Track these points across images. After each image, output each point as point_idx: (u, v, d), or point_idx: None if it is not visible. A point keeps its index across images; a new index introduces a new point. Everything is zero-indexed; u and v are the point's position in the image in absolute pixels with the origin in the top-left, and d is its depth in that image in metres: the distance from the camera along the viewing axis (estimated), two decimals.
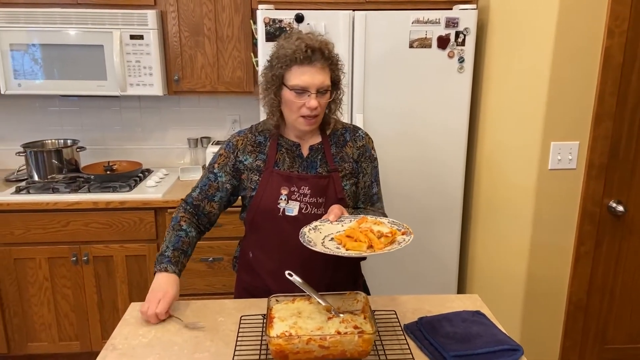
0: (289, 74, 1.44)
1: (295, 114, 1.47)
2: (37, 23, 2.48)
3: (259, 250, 1.60)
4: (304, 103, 1.44)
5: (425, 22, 2.28)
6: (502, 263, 2.41)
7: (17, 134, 2.97)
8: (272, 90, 1.47)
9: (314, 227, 1.39)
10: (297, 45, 1.41)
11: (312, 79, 1.42)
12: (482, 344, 1.26)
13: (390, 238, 1.30)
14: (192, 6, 2.58)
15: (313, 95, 1.43)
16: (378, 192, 1.67)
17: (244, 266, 1.67)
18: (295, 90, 1.43)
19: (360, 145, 1.61)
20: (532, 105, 2.17)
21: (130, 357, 1.27)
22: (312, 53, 1.41)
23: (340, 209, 1.43)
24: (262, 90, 1.53)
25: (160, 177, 2.76)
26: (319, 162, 1.56)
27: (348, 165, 1.58)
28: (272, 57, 1.48)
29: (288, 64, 1.42)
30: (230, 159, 1.58)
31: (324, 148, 1.57)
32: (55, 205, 2.43)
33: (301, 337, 1.17)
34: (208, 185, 1.60)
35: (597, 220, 2.22)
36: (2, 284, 2.52)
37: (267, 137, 1.58)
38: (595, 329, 2.38)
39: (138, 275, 2.56)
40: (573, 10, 2.02)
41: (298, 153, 1.56)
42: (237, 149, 1.58)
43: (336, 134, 1.60)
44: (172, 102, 3.00)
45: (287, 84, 1.44)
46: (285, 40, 1.46)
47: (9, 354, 2.61)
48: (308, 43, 1.41)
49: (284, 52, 1.43)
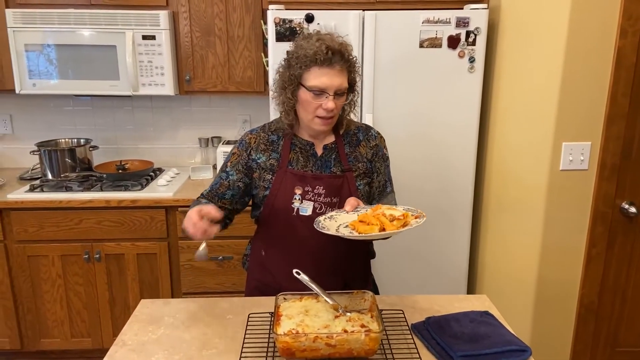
0: (308, 75, 1.44)
1: (311, 114, 1.47)
2: (52, 24, 2.52)
3: (272, 249, 1.61)
4: (321, 104, 1.44)
5: (436, 21, 2.28)
6: (513, 264, 2.39)
7: (32, 133, 3.01)
8: (290, 89, 1.47)
9: (329, 216, 1.40)
10: (317, 46, 1.41)
11: (331, 81, 1.43)
12: (490, 344, 1.26)
13: (403, 221, 1.29)
14: (204, 6, 2.60)
15: (331, 97, 1.43)
16: (392, 191, 1.68)
17: (257, 264, 1.68)
18: (314, 91, 1.43)
19: (374, 144, 1.62)
20: (543, 105, 2.15)
21: (139, 352, 1.29)
22: (332, 55, 1.41)
23: (356, 200, 1.44)
24: (276, 89, 1.53)
25: (172, 176, 2.78)
26: (332, 162, 1.57)
27: (362, 165, 1.59)
28: (291, 56, 1.48)
29: (308, 64, 1.42)
30: (242, 157, 1.58)
31: (338, 148, 1.58)
32: (68, 203, 2.47)
33: (308, 335, 1.18)
34: (219, 184, 1.60)
35: (609, 222, 2.20)
36: (16, 281, 2.56)
37: (280, 136, 1.58)
38: (606, 332, 2.35)
39: (149, 273, 2.59)
40: (585, 10, 2.00)
41: (312, 152, 1.57)
42: (250, 147, 1.58)
43: (349, 133, 1.61)
44: (184, 102, 3.02)
45: (305, 84, 1.44)
46: (305, 40, 1.46)
47: (22, 349, 2.65)
48: (329, 45, 1.42)
49: (304, 53, 1.43)
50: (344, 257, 1.58)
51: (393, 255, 2.53)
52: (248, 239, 1.77)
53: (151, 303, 1.53)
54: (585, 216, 2.21)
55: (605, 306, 2.31)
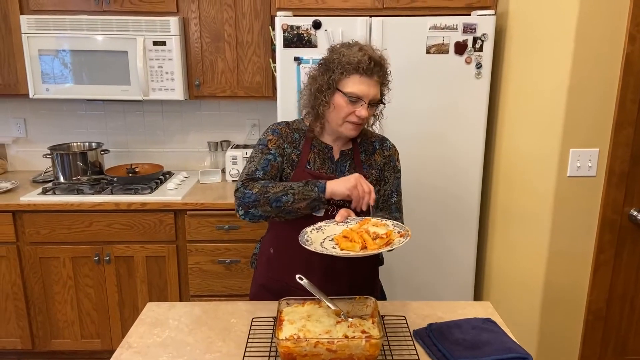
0: (347, 81, 1.48)
1: (342, 119, 1.51)
2: (65, 29, 2.57)
3: (281, 247, 1.63)
4: (354, 111, 1.49)
5: (443, 28, 2.28)
6: (520, 271, 2.38)
7: (45, 136, 3.07)
8: (327, 93, 1.51)
9: (317, 228, 1.41)
10: (361, 55, 1.46)
11: (369, 90, 1.48)
12: (491, 351, 1.26)
13: (386, 240, 1.31)
14: (214, 13, 2.63)
15: (365, 106, 1.48)
16: (397, 202, 1.69)
17: (264, 262, 1.70)
18: (350, 97, 1.47)
19: (387, 155, 1.67)
20: (551, 111, 2.14)
21: (144, 355, 1.31)
22: (373, 66, 1.47)
23: (347, 211, 1.46)
24: (309, 92, 1.56)
25: (181, 180, 2.82)
26: (347, 167, 1.60)
27: (375, 172, 1.63)
28: (331, 62, 1.51)
29: (350, 71, 1.47)
30: (280, 142, 1.60)
31: (354, 154, 1.62)
32: (79, 206, 2.51)
33: (309, 340, 1.19)
34: (270, 166, 1.56)
35: (618, 229, 2.18)
36: (28, 282, 2.61)
37: (301, 136, 1.62)
38: (615, 340, 2.33)
39: (157, 276, 2.62)
40: (593, 15, 1.99)
41: (329, 156, 1.60)
42: (282, 135, 1.61)
43: (365, 142, 1.66)
44: (193, 107, 3.06)
45: (342, 89, 1.49)
46: (347, 48, 1.51)
47: (33, 349, 2.70)
48: (372, 56, 1.48)
49: (346, 60, 1.47)
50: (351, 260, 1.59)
51: (400, 261, 2.53)
52: (255, 242, 1.79)
53: (157, 306, 1.55)
54: (593, 223, 2.20)
55: (613, 313, 2.29)
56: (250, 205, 1.47)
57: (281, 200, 1.45)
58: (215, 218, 2.54)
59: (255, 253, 1.78)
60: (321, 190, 1.44)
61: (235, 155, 2.82)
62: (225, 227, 2.54)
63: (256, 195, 1.46)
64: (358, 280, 1.64)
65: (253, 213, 1.49)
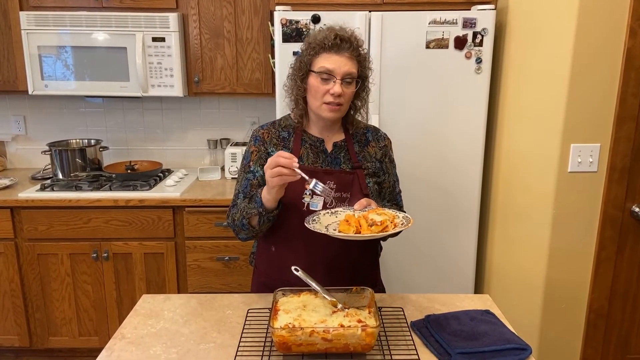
0: (317, 60, 1.48)
1: (319, 100, 1.50)
2: (64, 26, 2.57)
3: (282, 245, 1.61)
4: (329, 89, 1.47)
5: (442, 22, 2.27)
6: (520, 268, 2.36)
7: (45, 134, 3.07)
8: (299, 76, 1.51)
9: (334, 211, 1.43)
10: (326, 34, 1.48)
11: (338, 65, 1.46)
12: (489, 342, 1.24)
13: (380, 227, 1.30)
14: (213, 9, 2.63)
15: (338, 82, 1.46)
16: (400, 191, 1.71)
17: (264, 260, 1.68)
18: (321, 75, 1.47)
19: (383, 145, 1.66)
20: (551, 106, 2.13)
21: (137, 345, 1.29)
22: (340, 42, 1.47)
23: (367, 200, 1.45)
24: (289, 81, 1.57)
25: (180, 177, 2.81)
26: (342, 159, 1.59)
27: (371, 165, 1.61)
28: (303, 47, 1.54)
29: (317, 51, 1.48)
30: (261, 152, 1.59)
31: (348, 145, 1.60)
32: (77, 202, 2.50)
33: (304, 329, 1.17)
34: (249, 185, 1.58)
35: (619, 225, 2.16)
36: (26, 279, 2.59)
37: (290, 133, 1.61)
38: (616, 338, 2.30)
39: (156, 273, 2.61)
40: (593, 10, 1.98)
41: (322, 149, 1.59)
42: (265, 141, 1.60)
43: (358, 133, 1.64)
44: (193, 104, 3.05)
45: (313, 69, 1.49)
46: (318, 32, 1.53)
47: (31, 347, 2.68)
48: (338, 33, 1.48)
49: (314, 40, 1.49)
50: (353, 253, 1.58)
51: (400, 257, 2.51)
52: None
53: (152, 298, 1.54)
54: (595, 219, 2.17)
55: (615, 311, 2.26)
56: (236, 232, 1.57)
57: (245, 225, 1.50)
58: (214, 215, 2.53)
59: (253, 252, 1.76)
60: (259, 204, 1.43)
61: (235, 153, 2.81)
62: (224, 223, 2.52)
63: (233, 225, 1.56)
64: (359, 278, 1.62)
65: (243, 237, 1.58)
